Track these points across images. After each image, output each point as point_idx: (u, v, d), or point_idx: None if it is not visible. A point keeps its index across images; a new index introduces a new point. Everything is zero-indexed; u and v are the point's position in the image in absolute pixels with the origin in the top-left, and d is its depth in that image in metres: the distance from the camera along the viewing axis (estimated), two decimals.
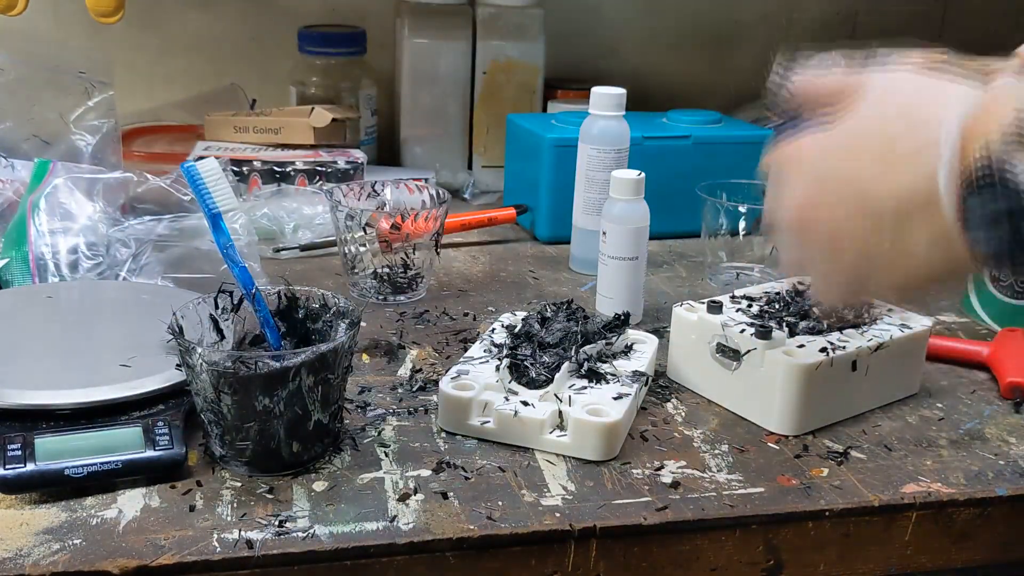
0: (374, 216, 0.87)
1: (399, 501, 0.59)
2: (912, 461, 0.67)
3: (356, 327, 0.62)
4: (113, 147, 1.00)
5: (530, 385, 0.68)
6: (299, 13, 1.29)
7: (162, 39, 1.28)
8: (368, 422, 0.68)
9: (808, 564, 0.62)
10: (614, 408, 0.65)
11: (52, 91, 0.99)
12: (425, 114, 1.24)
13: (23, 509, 0.56)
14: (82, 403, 0.61)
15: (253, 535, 0.55)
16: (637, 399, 0.70)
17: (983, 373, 0.81)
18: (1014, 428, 0.72)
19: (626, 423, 0.66)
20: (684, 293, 0.95)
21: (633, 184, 0.84)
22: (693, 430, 0.69)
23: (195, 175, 0.63)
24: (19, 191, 0.90)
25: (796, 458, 0.66)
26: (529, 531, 0.57)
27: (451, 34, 1.21)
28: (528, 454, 0.65)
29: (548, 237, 1.08)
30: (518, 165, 1.13)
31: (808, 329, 0.72)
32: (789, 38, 1.46)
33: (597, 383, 0.68)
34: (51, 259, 0.81)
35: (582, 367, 0.69)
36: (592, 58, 1.40)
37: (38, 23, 1.19)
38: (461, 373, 0.68)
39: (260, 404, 0.58)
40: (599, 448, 0.64)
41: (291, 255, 0.99)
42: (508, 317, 0.78)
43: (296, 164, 1.08)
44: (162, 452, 0.59)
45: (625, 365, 0.71)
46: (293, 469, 0.61)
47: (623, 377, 0.69)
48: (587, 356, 0.70)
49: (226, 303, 0.65)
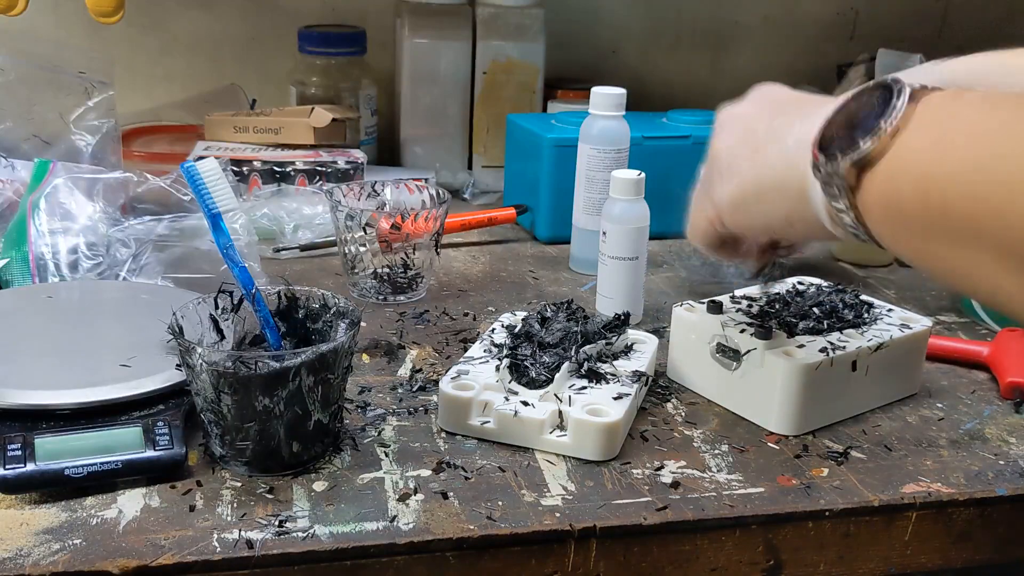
0: (374, 216, 0.87)
1: (399, 501, 0.59)
2: (912, 461, 0.67)
3: (356, 327, 0.62)
4: (113, 147, 1.00)
5: (530, 385, 0.68)
6: (299, 13, 1.29)
7: (162, 39, 1.28)
8: (368, 422, 0.68)
9: (808, 564, 0.62)
10: (614, 408, 0.65)
11: (52, 91, 0.99)
12: (425, 114, 1.24)
13: (23, 509, 0.56)
14: (82, 403, 0.61)
15: (253, 535, 0.55)
16: (637, 399, 0.70)
17: (983, 373, 0.81)
18: (1014, 428, 0.72)
19: (626, 423, 0.66)
20: (684, 293, 0.95)
21: (633, 184, 0.85)
22: (693, 430, 0.69)
23: (195, 175, 0.63)
24: (19, 191, 0.90)
25: (796, 458, 0.66)
26: (529, 531, 0.57)
27: (451, 34, 1.21)
28: (528, 454, 0.65)
29: (548, 237, 1.08)
30: (518, 165, 1.13)
31: (808, 329, 0.72)
32: (789, 38, 1.46)
33: (597, 383, 0.68)
34: (51, 259, 0.81)
35: (582, 367, 0.69)
36: (592, 58, 1.40)
37: (38, 23, 1.19)
38: (461, 373, 0.68)
39: (260, 404, 0.58)
40: (599, 448, 0.64)
41: (291, 255, 0.99)
42: (508, 317, 0.79)
43: (296, 164, 1.08)
44: (162, 452, 0.59)
45: (625, 365, 0.71)
46: (293, 469, 0.61)
47: (623, 377, 0.69)
48: (587, 356, 0.70)
49: (226, 303, 0.65)
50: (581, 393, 0.67)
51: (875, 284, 1.01)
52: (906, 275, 1.04)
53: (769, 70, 1.46)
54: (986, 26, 1.50)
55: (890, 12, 1.47)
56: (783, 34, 1.46)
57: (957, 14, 1.50)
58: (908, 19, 1.48)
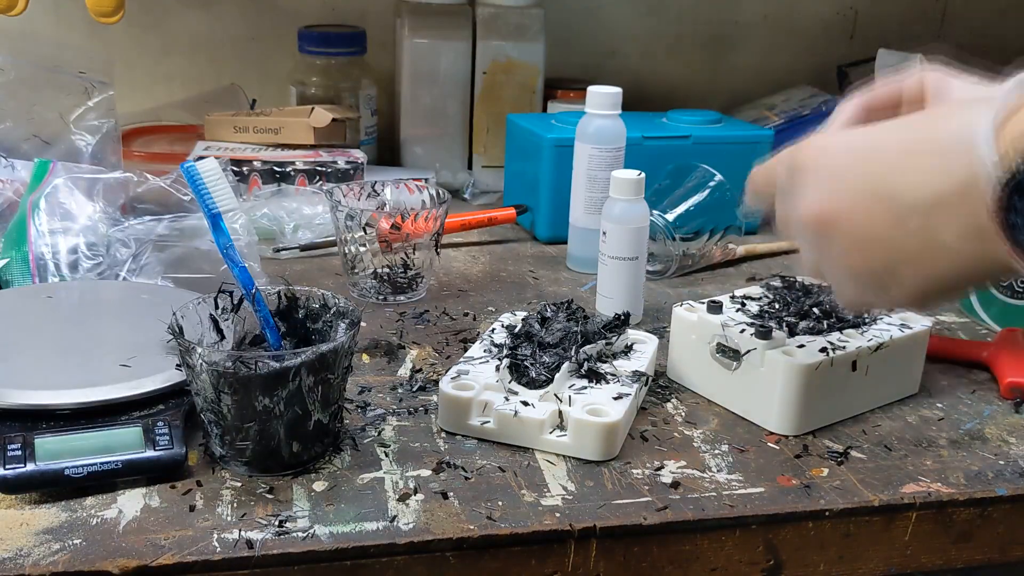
0: (374, 216, 0.87)
1: (399, 501, 0.59)
2: (912, 461, 0.67)
3: (356, 327, 0.62)
4: (113, 147, 1.00)
5: (530, 385, 0.68)
6: (299, 13, 1.29)
7: (162, 39, 1.28)
8: (368, 422, 0.68)
9: (808, 564, 0.62)
10: (614, 408, 0.65)
11: (52, 91, 0.99)
12: (425, 114, 1.24)
13: (23, 509, 0.56)
14: (82, 403, 0.61)
15: (253, 535, 0.55)
16: (637, 399, 0.70)
17: (983, 373, 0.81)
18: (1014, 428, 0.72)
19: (626, 423, 0.66)
20: (684, 293, 0.95)
21: (633, 184, 0.84)
22: (693, 430, 0.69)
23: (195, 175, 0.63)
24: (19, 191, 0.90)
25: (796, 458, 0.66)
26: (529, 531, 0.57)
27: (451, 34, 1.21)
28: (528, 454, 0.65)
29: (548, 237, 1.08)
30: (518, 165, 1.13)
31: (808, 329, 0.72)
32: (789, 38, 1.46)
33: (597, 383, 0.68)
34: (51, 259, 0.81)
35: (582, 367, 0.69)
36: (592, 58, 1.40)
37: (38, 23, 1.19)
38: (461, 373, 0.68)
39: (260, 404, 0.58)
40: (599, 448, 0.64)
41: (291, 255, 0.99)
42: (508, 317, 0.79)
43: (296, 164, 1.08)
44: (162, 452, 0.59)
45: (625, 365, 0.71)
46: (293, 469, 0.61)
47: (623, 377, 0.70)
48: (587, 356, 0.70)
49: (226, 303, 0.65)
50: (581, 393, 0.67)
51: None
52: None
53: (769, 70, 1.47)
54: (986, 26, 1.50)
55: (890, 12, 1.48)
56: (783, 34, 1.46)
57: (957, 14, 1.50)
58: (908, 19, 1.48)
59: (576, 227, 1.00)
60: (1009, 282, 0.87)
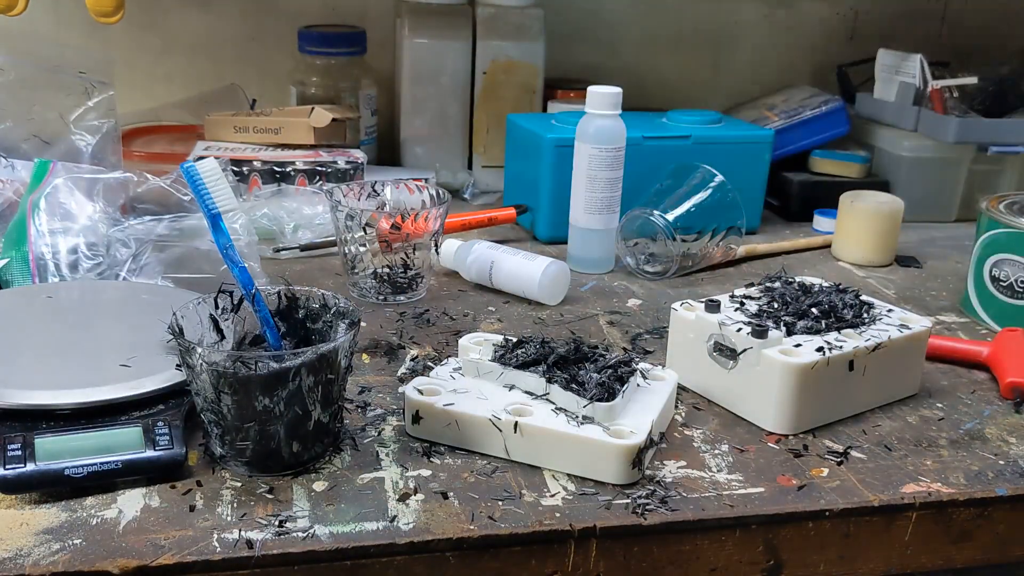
0: (374, 216, 0.87)
1: (399, 501, 0.59)
2: (912, 461, 0.67)
3: (356, 327, 0.62)
4: (113, 147, 1.00)
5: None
6: (299, 13, 1.29)
7: (162, 39, 1.28)
8: (368, 422, 0.68)
9: (808, 564, 0.62)
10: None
11: (52, 91, 0.99)
12: (425, 114, 1.24)
13: (23, 509, 0.56)
14: (82, 403, 0.61)
15: (253, 535, 0.55)
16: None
17: (983, 373, 0.81)
18: (1014, 428, 0.72)
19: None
20: (684, 293, 0.95)
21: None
22: (693, 430, 0.69)
23: (195, 175, 0.63)
24: (19, 191, 0.90)
25: (796, 458, 0.66)
26: (529, 531, 0.57)
27: (451, 34, 1.22)
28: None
29: (548, 237, 1.08)
30: (518, 165, 1.13)
31: (806, 329, 0.72)
32: (789, 38, 1.46)
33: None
34: (51, 259, 0.81)
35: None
36: (592, 58, 1.40)
37: (38, 23, 1.19)
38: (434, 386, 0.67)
39: (260, 404, 0.58)
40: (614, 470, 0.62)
41: (291, 255, 0.99)
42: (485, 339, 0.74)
43: (296, 164, 1.08)
44: (162, 452, 0.59)
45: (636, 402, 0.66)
46: (293, 469, 0.61)
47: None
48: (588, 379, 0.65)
49: (226, 303, 0.65)
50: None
51: (875, 284, 1.01)
52: (906, 275, 1.04)
53: (769, 70, 1.47)
54: (986, 26, 1.50)
55: (890, 12, 1.48)
56: (783, 34, 1.46)
57: (957, 14, 1.50)
58: (908, 19, 1.48)
59: (576, 227, 1.00)
60: (1009, 282, 0.87)
